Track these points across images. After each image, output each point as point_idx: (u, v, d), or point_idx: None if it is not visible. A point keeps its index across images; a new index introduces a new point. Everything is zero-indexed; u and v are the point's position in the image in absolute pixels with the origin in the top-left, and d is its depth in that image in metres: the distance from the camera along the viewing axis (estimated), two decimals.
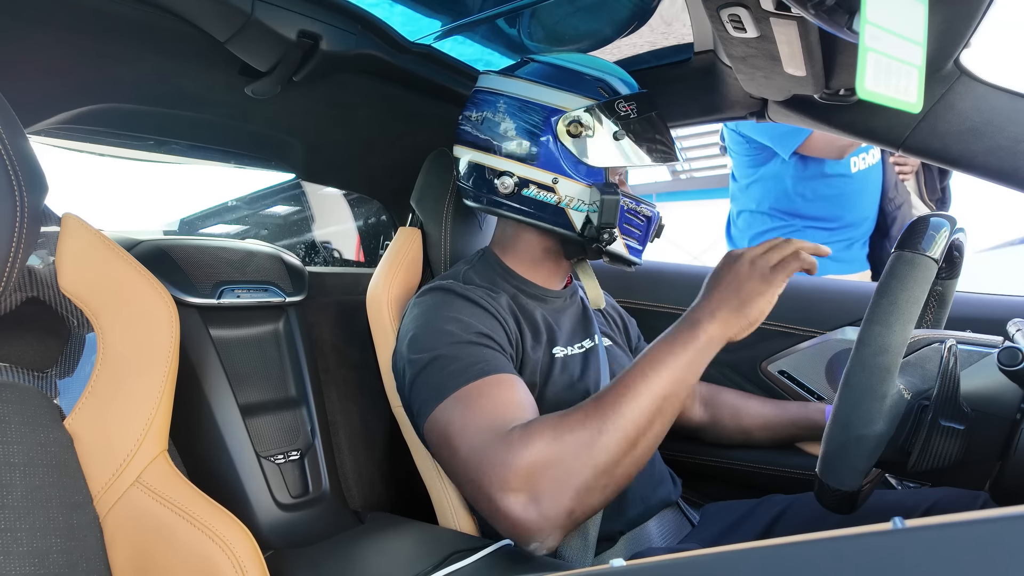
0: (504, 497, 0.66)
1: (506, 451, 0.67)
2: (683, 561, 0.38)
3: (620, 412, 0.68)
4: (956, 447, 0.61)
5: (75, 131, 1.05)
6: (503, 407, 0.74)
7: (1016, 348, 0.58)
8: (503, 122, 0.92)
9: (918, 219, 0.65)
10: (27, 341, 0.65)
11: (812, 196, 1.70)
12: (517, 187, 0.91)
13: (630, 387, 0.70)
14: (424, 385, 0.78)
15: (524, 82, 0.93)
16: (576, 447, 0.66)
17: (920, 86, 0.51)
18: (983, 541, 0.28)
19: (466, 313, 0.83)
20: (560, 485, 0.66)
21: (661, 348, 0.74)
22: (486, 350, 0.80)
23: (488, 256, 1.00)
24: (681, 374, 0.72)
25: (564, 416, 0.70)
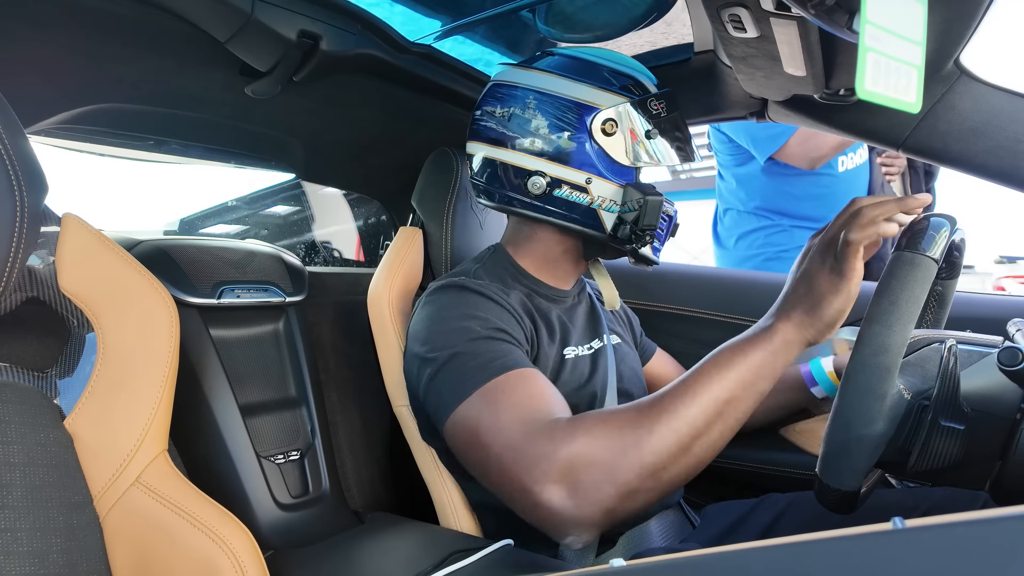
0: (544, 489, 0.63)
1: (548, 443, 0.65)
2: (683, 561, 0.38)
3: (676, 413, 0.64)
4: (956, 447, 0.61)
5: (75, 131, 1.05)
6: (534, 400, 0.72)
7: (1016, 348, 0.58)
8: (534, 119, 0.88)
9: (919, 219, 0.65)
10: (27, 341, 0.65)
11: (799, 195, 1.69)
12: (549, 187, 0.88)
13: (690, 388, 0.66)
14: (444, 383, 0.76)
15: (554, 76, 0.89)
16: (623, 445, 0.63)
17: (920, 86, 0.51)
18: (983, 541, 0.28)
19: (482, 309, 0.82)
20: (602, 483, 0.63)
21: (730, 348, 0.69)
22: (505, 345, 0.79)
23: (500, 254, 0.97)
24: (749, 377, 0.67)
25: (614, 412, 0.67)
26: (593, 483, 0.63)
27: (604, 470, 0.63)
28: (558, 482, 0.63)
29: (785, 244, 1.68)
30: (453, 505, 0.92)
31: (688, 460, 0.65)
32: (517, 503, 0.68)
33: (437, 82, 1.14)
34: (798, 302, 0.70)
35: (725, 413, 0.66)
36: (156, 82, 0.98)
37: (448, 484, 0.93)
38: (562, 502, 0.63)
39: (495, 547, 0.79)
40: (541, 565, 0.78)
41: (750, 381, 0.67)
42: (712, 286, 1.37)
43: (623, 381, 0.97)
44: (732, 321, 1.30)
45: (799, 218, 1.70)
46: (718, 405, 0.65)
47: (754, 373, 0.67)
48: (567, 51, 0.94)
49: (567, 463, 0.64)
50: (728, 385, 0.66)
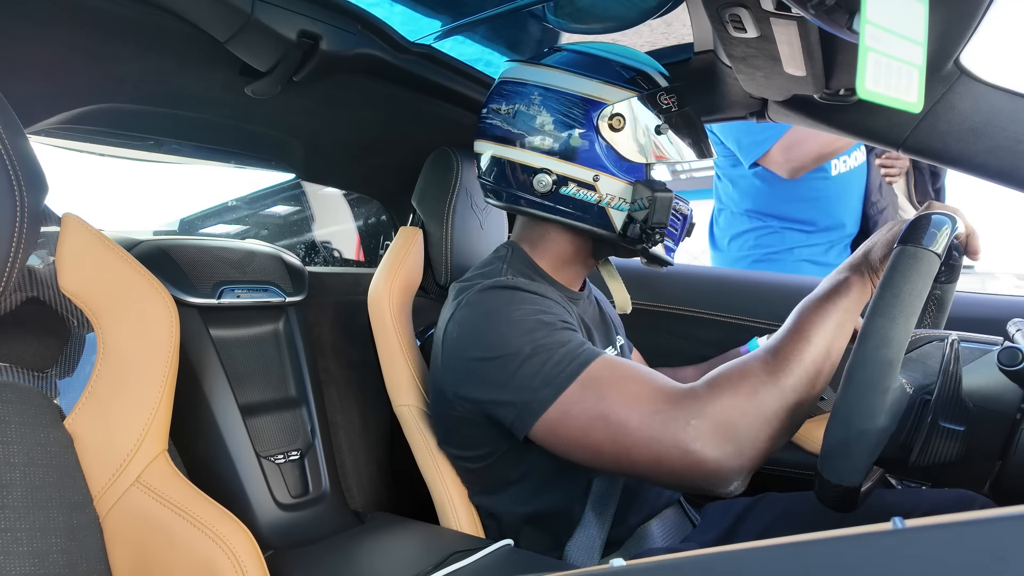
0: (704, 446, 0.67)
1: (696, 403, 0.69)
2: (683, 561, 0.38)
3: (800, 358, 0.70)
4: (956, 445, 0.61)
5: (75, 131, 1.05)
6: (647, 373, 0.74)
7: (1016, 348, 0.58)
8: (539, 115, 0.87)
9: (921, 216, 0.65)
10: (27, 341, 0.65)
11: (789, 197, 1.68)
12: (555, 185, 0.87)
13: (802, 333, 0.71)
14: (529, 380, 0.74)
15: (559, 72, 0.88)
16: (767, 393, 0.68)
17: (921, 86, 0.51)
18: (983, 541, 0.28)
19: (542, 304, 0.80)
20: (759, 430, 0.67)
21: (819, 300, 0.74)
22: (579, 335, 0.79)
23: (518, 253, 0.94)
24: (843, 318, 0.73)
25: (743, 368, 0.71)
26: (751, 430, 0.67)
27: (757, 417, 0.68)
28: (719, 437, 0.67)
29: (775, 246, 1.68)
30: (453, 505, 0.92)
31: (814, 394, 0.71)
32: (674, 467, 0.69)
33: (437, 82, 1.14)
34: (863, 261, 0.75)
35: (831, 352, 0.72)
36: (156, 82, 0.98)
37: (447, 484, 0.93)
38: (726, 455, 0.67)
39: (495, 547, 0.79)
40: (541, 565, 0.78)
41: (842, 323, 0.73)
42: (712, 286, 1.37)
43: None
44: (732, 321, 1.30)
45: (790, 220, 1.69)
46: (827, 344, 0.71)
47: (843, 315, 0.73)
48: (575, 47, 0.92)
49: (723, 417, 0.68)
50: (830, 327, 0.72)
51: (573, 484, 0.86)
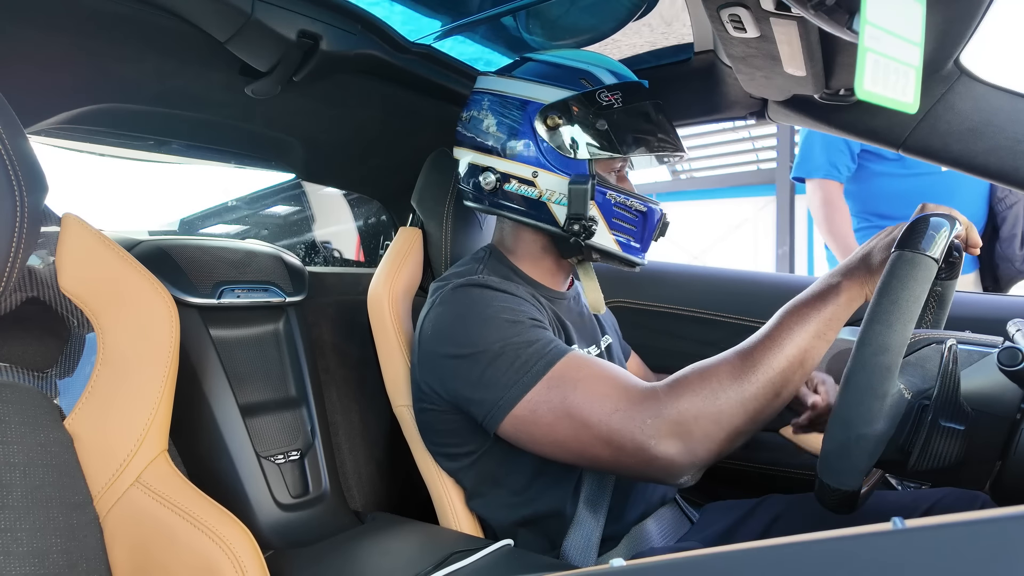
0: (659, 443, 0.70)
1: (655, 403, 0.71)
2: (683, 561, 0.38)
3: (767, 363, 0.71)
4: (956, 447, 0.61)
5: (75, 131, 1.05)
6: (612, 371, 0.76)
7: (1016, 348, 0.58)
8: (485, 119, 0.93)
9: (918, 219, 0.65)
10: (27, 341, 0.65)
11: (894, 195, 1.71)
12: (499, 182, 0.92)
13: (775, 340, 0.72)
14: (501, 375, 0.76)
15: (509, 79, 0.93)
16: (727, 396, 0.70)
17: (917, 87, 0.51)
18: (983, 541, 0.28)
19: (512, 303, 0.82)
20: (712, 431, 0.70)
21: (804, 304, 0.75)
22: (548, 332, 0.81)
23: (496, 255, 0.98)
24: (823, 327, 0.73)
25: (709, 369, 0.73)
26: (704, 432, 0.70)
27: (713, 420, 0.70)
28: (672, 436, 0.70)
29: None
30: (453, 505, 0.92)
31: (779, 402, 0.72)
32: (630, 462, 0.73)
33: (437, 82, 1.14)
34: (860, 264, 0.75)
35: (804, 361, 0.73)
36: (156, 82, 0.98)
37: (447, 484, 0.93)
38: (678, 453, 0.70)
39: (495, 547, 0.79)
40: (541, 565, 0.78)
41: (822, 331, 0.73)
42: (712, 286, 1.37)
43: None
44: (732, 321, 1.30)
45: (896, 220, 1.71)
46: (800, 354, 0.72)
47: (825, 324, 0.74)
48: (538, 55, 0.96)
49: (678, 418, 0.70)
50: (807, 336, 0.73)
51: (562, 483, 0.87)
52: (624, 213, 0.91)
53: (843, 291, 0.74)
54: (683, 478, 0.72)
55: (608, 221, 0.90)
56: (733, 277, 1.39)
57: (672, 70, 1.15)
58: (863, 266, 0.75)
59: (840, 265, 0.77)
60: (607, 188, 0.89)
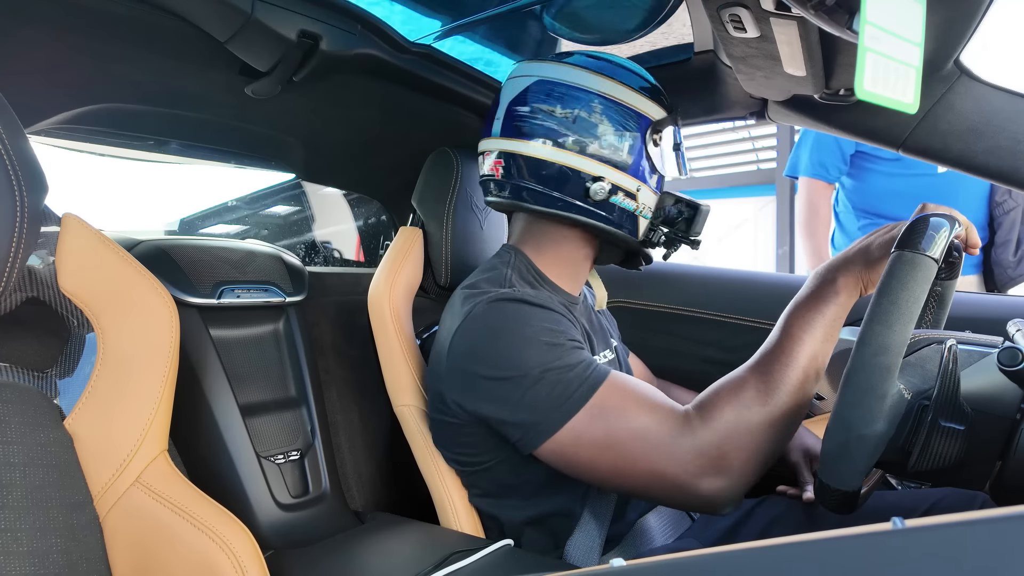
0: (700, 481, 0.70)
1: (691, 438, 0.70)
2: (683, 561, 0.38)
3: (788, 381, 0.71)
4: (956, 447, 0.61)
5: (75, 131, 1.05)
6: (647, 397, 0.75)
7: (1016, 348, 0.58)
8: (601, 124, 0.86)
9: (918, 219, 0.65)
10: (27, 341, 0.65)
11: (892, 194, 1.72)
12: (609, 193, 0.87)
13: (789, 354, 0.72)
14: (537, 402, 0.74)
15: (613, 82, 0.88)
16: (756, 417, 0.70)
17: (917, 87, 0.51)
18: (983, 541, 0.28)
19: (551, 321, 0.79)
20: (750, 457, 0.70)
21: (805, 308, 0.74)
22: (585, 352, 0.79)
23: (522, 259, 0.92)
24: (829, 330, 0.73)
25: (731, 391, 0.72)
26: (741, 461, 0.70)
27: (747, 448, 0.70)
28: (714, 472, 0.69)
29: None
30: (453, 505, 0.92)
31: (802, 410, 0.73)
32: (673, 498, 0.73)
33: (437, 82, 1.14)
34: (858, 259, 0.75)
35: (818, 367, 0.73)
36: (156, 82, 0.98)
37: (447, 484, 0.93)
38: (720, 487, 0.70)
39: (495, 547, 0.79)
40: (541, 565, 0.78)
41: (829, 334, 0.74)
42: (712, 286, 1.37)
43: None
44: (732, 321, 1.30)
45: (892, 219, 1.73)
46: (812, 362, 0.73)
47: (830, 325, 0.74)
48: (607, 56, 0.92)
49: (717, 453, 0.70)
50: (816, 343, 0.73)
51: (573, 487, 0.86)
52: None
53: (841, 289, 0.74)
54: (726, 510, 0.72)
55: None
56: (733, 277, 1.39)
57: (672, 70, 1.15)
58: (861, 260, 0.74)
59: (835, 261, 0.76)
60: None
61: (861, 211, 1.81)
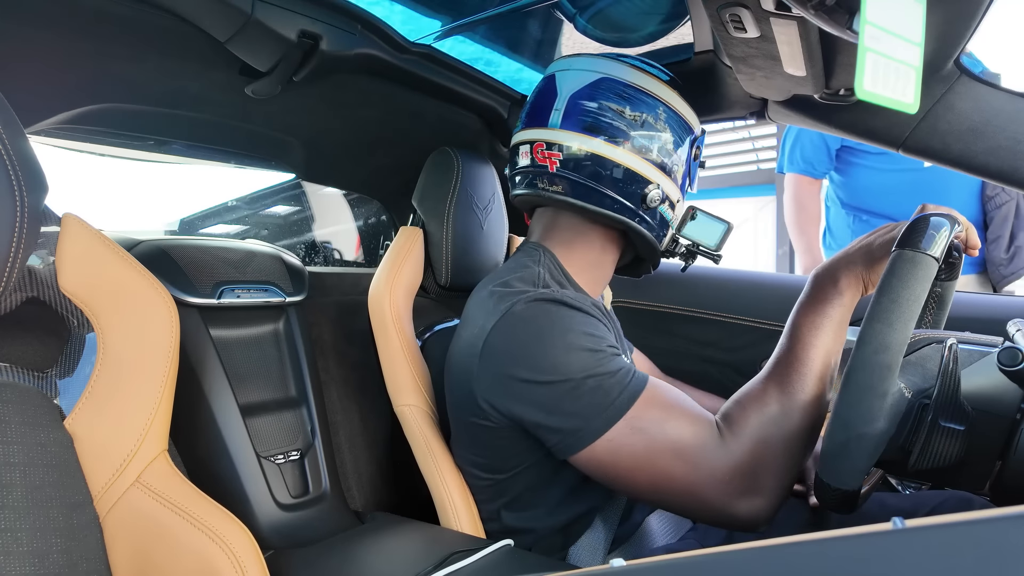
0: (736, 503, 0.69)
1: (726, 455, 0.70)
2: (683, 561, 0.38)
3: (806, 390, 0.71)
4: (956, 447, 0.61)
5: (75, 131, 1.05)
6: (683, 408, 0.74)
7: (1016, 348, 0.58)
8: (664, 132, 0.87)
9: (919, 218, 0.65)
10: (27, 341, 0.65)
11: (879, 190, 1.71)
12: (660, 200, 0.88)
13: (800, 359, 0.72)
14: (578, 408, 0.73)
15: (674, 93, 0.89)
16: (784, 432, 0.70)
17: (917, 87, 0.51)
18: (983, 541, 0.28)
19: (590, 326, 0.78)
20: (782, 473, 0.69)
21: (811, 310, 0.74)
22: (623, 359, 0.77)
23: (549, 257, 0.89)
24: (837, 332, 0.74)
25: (758, 402, 0.72)
26: (774, 479, 0.69)
27: (779, 462, 0.69)
28: (751, 493, 0.69)
29: None
30: (453, 505, 0.92)
31: (822, 415, 0.72)
32: (707, 517, 0.73)
33: (437, 82, 1.14)
34: (859, 258, 0.75)
35: (832, 370, 0.74)
36: (156, 82, 0.98)
37: (448, 484, 0.93)
38: (757, 508, 0.69)
39: (495, 547, 0.79)
40: (541, 565, 0.78)
41: (837, 334, 0.74)
42: (712, 286, 1.37)
43: None
44: (732, 321, 1.30)
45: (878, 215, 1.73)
46: (825, 367, 0.73)
47: (838, 326, 0.74)
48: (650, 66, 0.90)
49: (750, 471, 0.69)
50: (826, 343, 0.73)
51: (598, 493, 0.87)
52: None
53: (845, 290, 0.74)
54: (761, 528, 0.71)
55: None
56: (733, 277, 1.39)
57: (672, 70, 1.15)
58: (862, 259, 0.74)
59: (835, 260, 0.76)
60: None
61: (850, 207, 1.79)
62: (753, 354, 1.25)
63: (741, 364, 1.27)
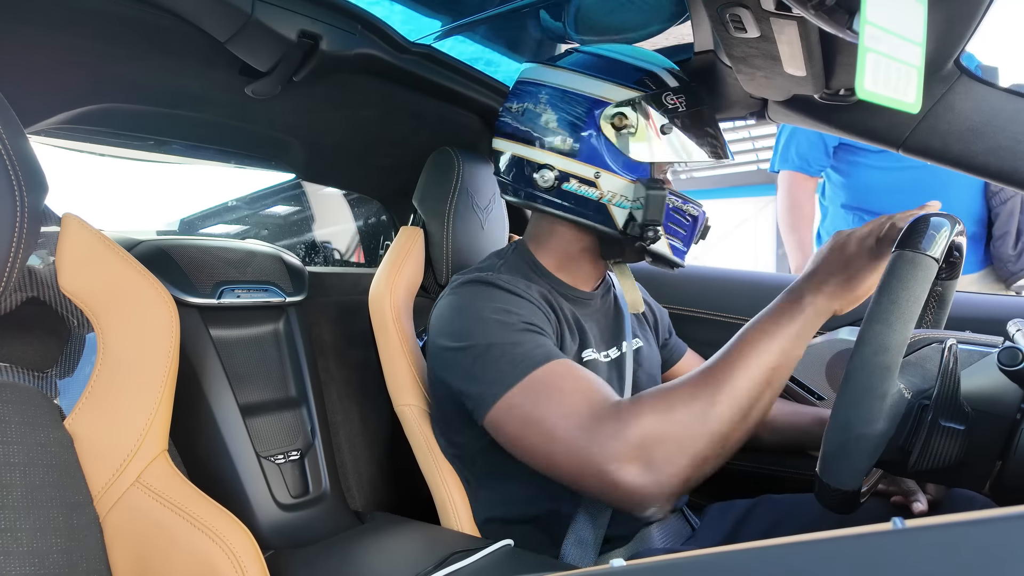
0: (619, 468, 0.67)
1: (616, 424, 0.68)
2: (683, 561, 0.38)
3: (733, 384, 0.68)
4: (956, 447, 0.61)
5: (75, 131, 1.05)
6: (588, 384, 0.74)
7: (1016, 348, 0.58)
8: (544, 113, 0.89)
9: (919, 219, 0.65)
10: (27, 341, 0.65)
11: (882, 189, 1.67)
12: (557, 181, 0.89)
13: (739, 358, 0.70)
14: (485, 372, 0.77)
15: (568, 72, 0.90)
16: (690, 417, 0.67)
17: (919, 86, 0.51)
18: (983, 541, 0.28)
19: (511, 303, 0.82)
20: (675, 455, 0.67)
21: (768, 320, 0.72)
22: (540, 337, 0.80)
23: (522, 251, 0.97)
24: (789, 345, 0.71)
25: (672, 389, 0.71)
26: (666, 457, 0.66)
27: (675, 443, 0.67)
28: (633, 460, 0.67)
29: None
30: (454, 505, 0.92)
31: (747, 424, 0.69)
32: (591, 483, 0.70)
33: (437, 82, 1.14)
34: (831, 275, 0.72)
35: (772, 380, 0.70)
36: (156, 82, 0.98)
37: (448, 484, 0.93)
38: (640, 478, 0.66)
39: (495, 547, 0.79)
40: (541, 565, 0.78)
41: (789, 348, 0.71)
42: (712, 286, 1.37)
43: (638, 389, 0.97)
44: (732, 321, 1.30)
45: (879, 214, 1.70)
46: (766, 373, 0.69)
47: (791, 341, 0.71)
48: (589, 48, 0.94)
49: (639, 441, 0.67)
50: (773, 354, 0.70)
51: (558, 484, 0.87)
52: (680, 218, 0.91)
53: (807, 306, 0.72)
54: (649, 509, 0.68)
55: (665, 225, 0.89)
56: (733, 277, 1.39)
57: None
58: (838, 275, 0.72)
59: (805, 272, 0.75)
60: (669, 193, 0.89)
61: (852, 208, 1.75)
62: None
63: None
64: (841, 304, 0.73)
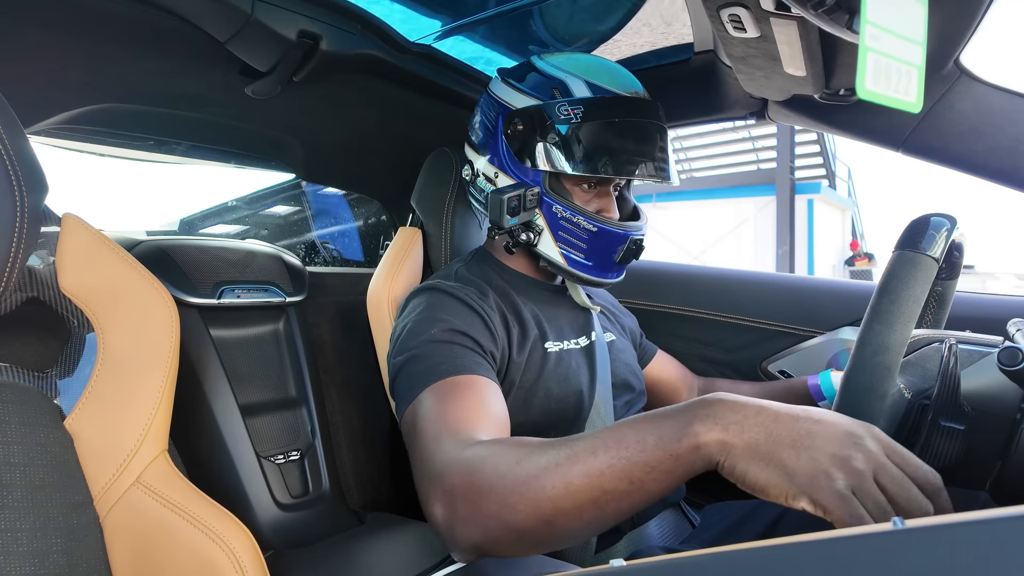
0: (431, 503, 0.61)
1: (447, 462, 0.62)
2: (683, 561, 0.38)
3: (574, 464, 0.53)
4: (956, 447, 0.61)
5: (75, 131, 1.05)
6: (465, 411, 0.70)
7: (1016, 348, 0.58)
8: (474, 117, 0.99)
9: (919, 219, 0.65)
10: (27, 341, 0.65)
11: None
12: (472, 176, 0.98)
13: (588, 447, 0.53)
14: (400, 384, 0.78)
15: (502, 83, 0.95)
16: (510, 468, 0.56)
17: (920, 86, 0.51)
18: (983, 541, 0.28)
19: (448, 312, 0.83)
20: (474, 516, 0.57)
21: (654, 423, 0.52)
22: (459, 349, 0.78)
23: (481, 252, 1.02)
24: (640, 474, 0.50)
25: (523, 444, 0.59)
26: (466, 512, 0.58)
27: (475, 507, 0.57)
28: (440, 501, 0.60)
29: None
30: None
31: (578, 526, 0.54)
32: (424, 506, 0.64)
33: (437, 82, 1.14)
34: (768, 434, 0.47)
35: (599, 500, 0.52)
36: (156, 82, 0.98)
37: None
38: (441, 522, 0.60)
39: None
40: (541, 565, 0.78)
41: (639, 476, 0.51)
42: (712, 286, 1.37)
43: (617, 375, 0.98)
44: (732, 321, 1.30)
45: None
46: (593, 489, 0.52)
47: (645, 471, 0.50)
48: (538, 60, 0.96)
49: (450, 486, 0.59)
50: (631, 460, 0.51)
51: None
52: (572, 228, 0.88)
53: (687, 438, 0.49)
54: (455, 551, 0.60)
55: (554, 233, 0.90)
56: (733, 277, 1.39)
57: (672, 70, 1.15)
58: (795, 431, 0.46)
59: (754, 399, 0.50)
60: (556, 202, 0.88)
61: None
62: (753, 354, 1.25)
63: (741, 364, 1.27)
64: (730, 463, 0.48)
